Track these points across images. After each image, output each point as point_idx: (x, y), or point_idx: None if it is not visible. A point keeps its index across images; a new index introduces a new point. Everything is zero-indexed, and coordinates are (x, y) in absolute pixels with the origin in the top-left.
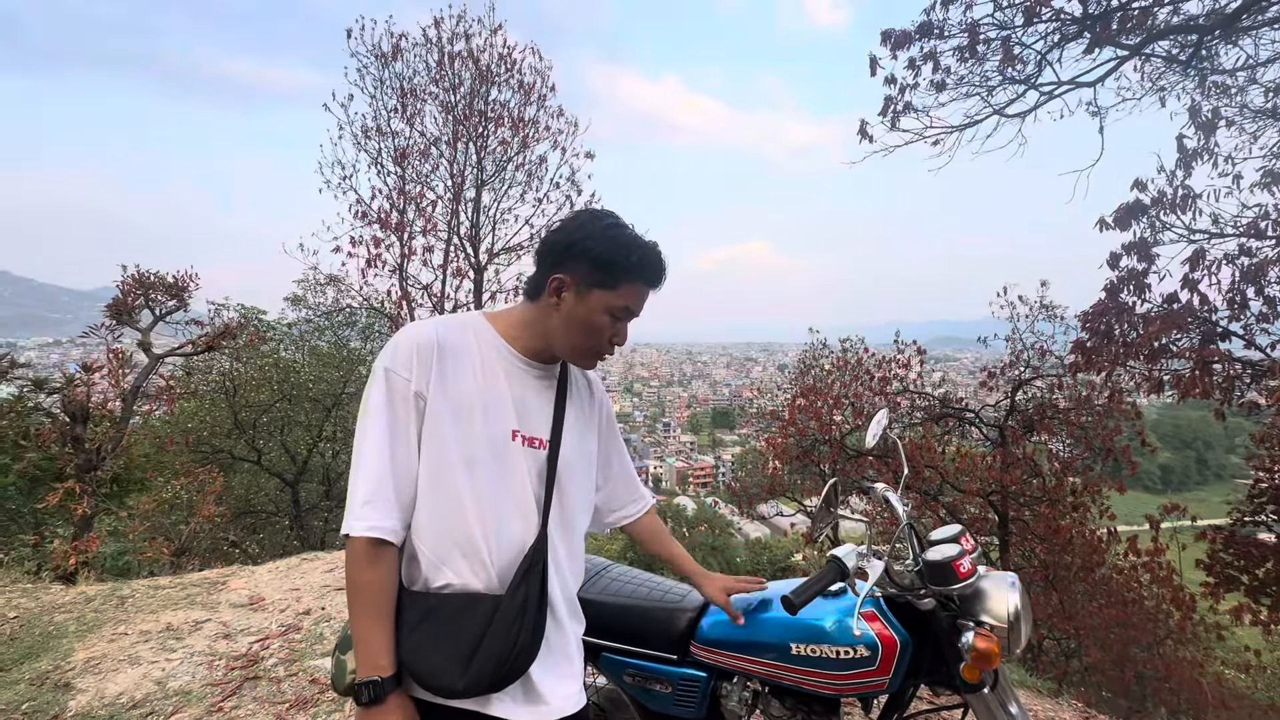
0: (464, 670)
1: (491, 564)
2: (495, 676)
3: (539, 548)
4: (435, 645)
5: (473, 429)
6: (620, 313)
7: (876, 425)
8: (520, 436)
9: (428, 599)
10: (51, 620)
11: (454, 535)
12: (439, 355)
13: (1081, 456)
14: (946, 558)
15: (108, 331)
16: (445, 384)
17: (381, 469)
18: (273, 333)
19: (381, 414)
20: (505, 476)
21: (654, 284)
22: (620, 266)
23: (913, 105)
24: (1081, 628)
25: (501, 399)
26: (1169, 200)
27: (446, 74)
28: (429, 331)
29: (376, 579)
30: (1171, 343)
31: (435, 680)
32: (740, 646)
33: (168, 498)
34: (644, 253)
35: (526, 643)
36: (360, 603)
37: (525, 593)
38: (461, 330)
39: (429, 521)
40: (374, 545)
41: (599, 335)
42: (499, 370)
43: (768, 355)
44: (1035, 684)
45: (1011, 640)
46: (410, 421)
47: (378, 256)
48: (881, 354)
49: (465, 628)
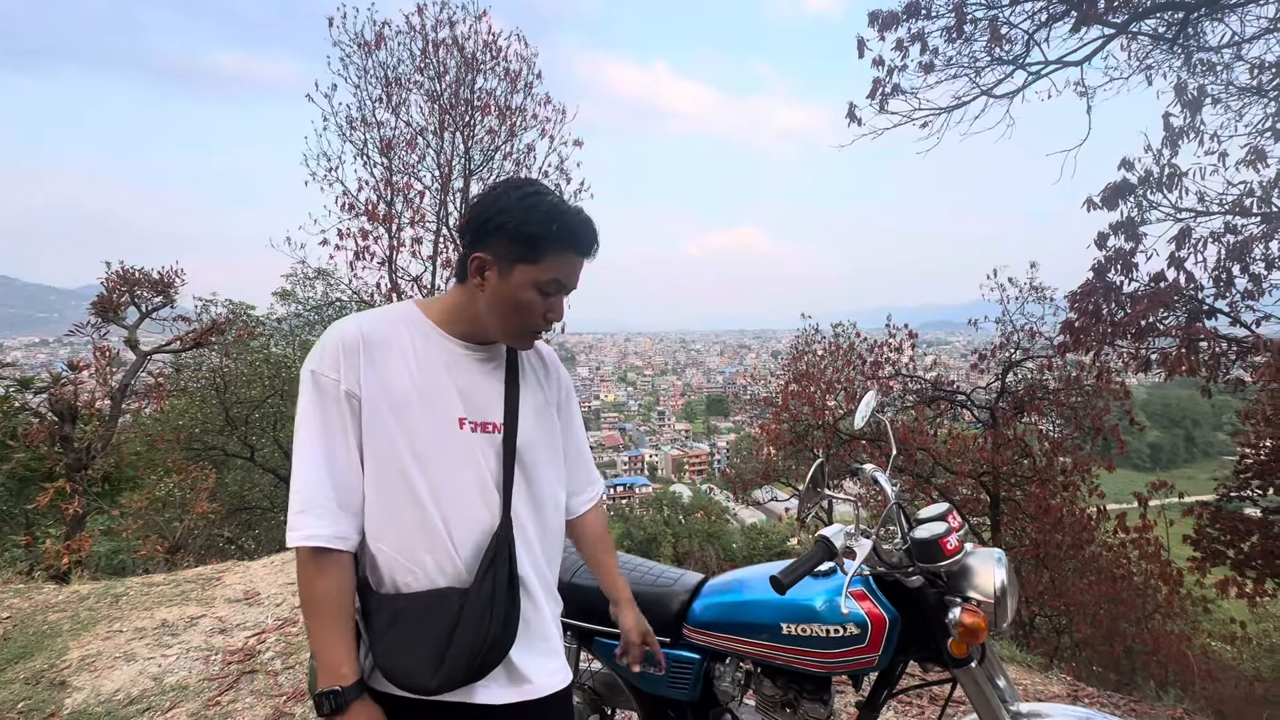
0: (436, 669)
1: (457, 555)
2: (469, 670)
3: (503, 534)
4: (406, 647)
5: (416, 422)
6: (549, 287)
7: (865, 407)
8: (469, 424)
9: (396, 601)
10: (45, 619)
11: (414, 532)
12: (365, 351)
13: (1071, 436)
14: (934, 535)
15: (94, 329)
16: (377, 379)
17: (317, 475)
18: (262, 328)
19: (313, 419)
20: (459, 466)
21: (584, 252)
22: (542, 238)
23: (900, 87)
24: (1072, 604)
25: (443, 388)
26: (1156, 179)
27: (431, 62)
28: (352, 328)
29: (326, 588)
30: (1158, 321)
31: (409, 680)
32: (732, 628)
33: (160, 495)
34: (566, 219)
35: (498, 634)
36: (313, 613)
37: (493, 582)
38: (390, 323)
39: (385, 521)
40: (318, 554)
41: (529, 313)
42: (437, 359)
43: (761, 342)
44: (1026, 659)
45: (998, 615)
46: (345, 422)
47: (366, 249)
48: (874, 338)
49: (434, 626)
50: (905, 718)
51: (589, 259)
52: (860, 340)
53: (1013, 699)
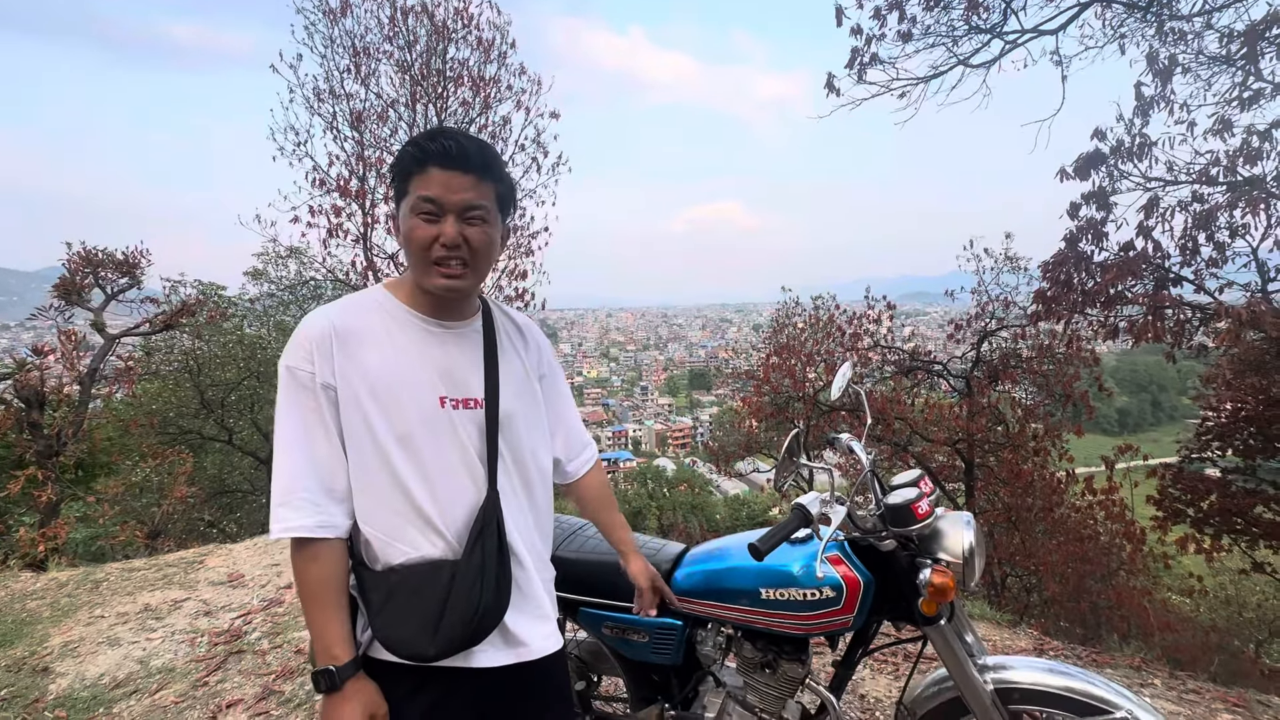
0: (433, 636)
1: (446, 530)
2: (464, 636)
3: (489, 507)
4: (403, 617)
5: (396, 405)
6: (423, 207)
7: (841, 378)
8: (449, 401)
9: (389, 576)
10: (24, 607)
11: (401, 511)
12: (338, 341)
13: (1043, 403)
14: (906, 500)
15: (57, 313)
16: (353, 367)
17: (296, 468)
18: (234, 309)
19: (291, 412)
20: (444, 444)
21: (447, 163)
22: (404, 165)
23: (879, 57)
24: (1041, 564)
25: (420, 368)
26: (1127, 149)
27: (400, 30)
28: (322, 321)
29: (316, 575)
30: (1126, 289)
31: (408, 649)
32: (713, 594)
33: (137, 481)
34: (424, 137)
35: (490, 601)
36: (306, 598)
37: (482, 553)
38: (361, 310)
39: (373, 504)
40: (306, 544)
41: (418, 244)
42: (410, 339)
43: (742, 316)
44: (995, 617)
45: (966, 574)
46: (323, 413)
47: (339, 226)
48: (853, 310)
49: (428, 595)
50: (880, 675)
51: (468, 172)
52: (840, 312)
53: (980, 653)
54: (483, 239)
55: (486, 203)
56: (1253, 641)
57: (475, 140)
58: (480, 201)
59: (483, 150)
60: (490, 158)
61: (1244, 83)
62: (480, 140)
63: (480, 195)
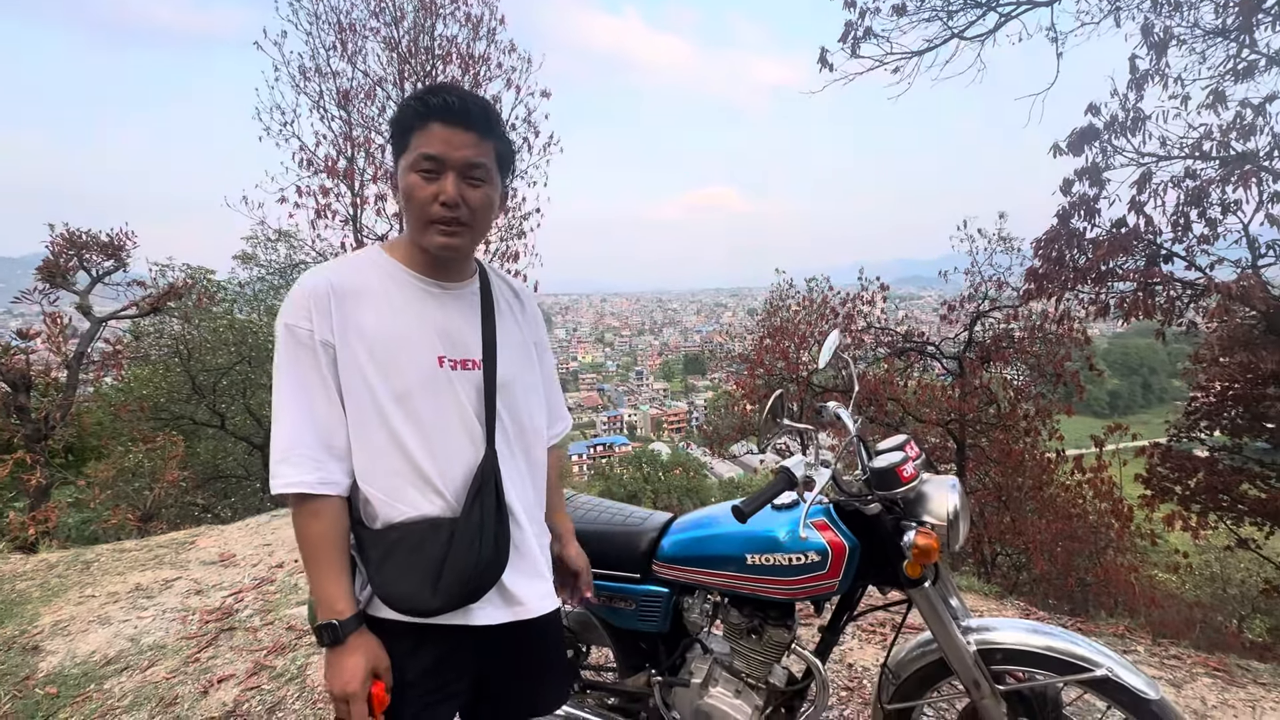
0: (434, 589)
1: (445, 489)
2: (465, 590)
3: (488, 466)
4: (403, 572)
5: (395, 364)
6: (423, 164)
7: (830, 345)
8: (448, 361)
9: (388, 534)
10: (14, 588)
11: (400, 471)
12: (336, 299)
13: (1034, 384)
14: (891, 464)
15: (43, 296)
16: (351, 326)
17: (296, 425)
18: (224, 293)
19: (290, 370)
20: (442, 403)
21: (450, 119)
22: (403, 120)
23: (873, 31)
24: (1031, 542)
25: (418, 328)
26: (1120, 124)
27: (387, 6)
28: (321, 279)
29: (319, 530)
30: (1118, 266)
31: (409, 604)
32: (700, 561)
33: (129, 465)
34: (421, 94)
35: (490, 555)
36: (308, 555)
37: (480, 511)
38: (358, 269)
39: (372, 463)
40: (306, 500)
41: (417, 201)
42: (409, 299)
43: (737, 300)
44: (984, 589)
45: (951, 537)
46: (322, 370)
47: (327, 206)
48: (847, 292)
49: (429, 550)
50: (867, 644)
51: (470, 129)
52: (834, 294)
53: (964, 616)
54: (482, 199)
55: (487, 161)
56: (1236, 617)
57: (477, 97)
58: (481, 159)
59: (485, 108)
60: (492, 116)
61: (1238, 54)
62: (482, 98)
63: (481, 153)
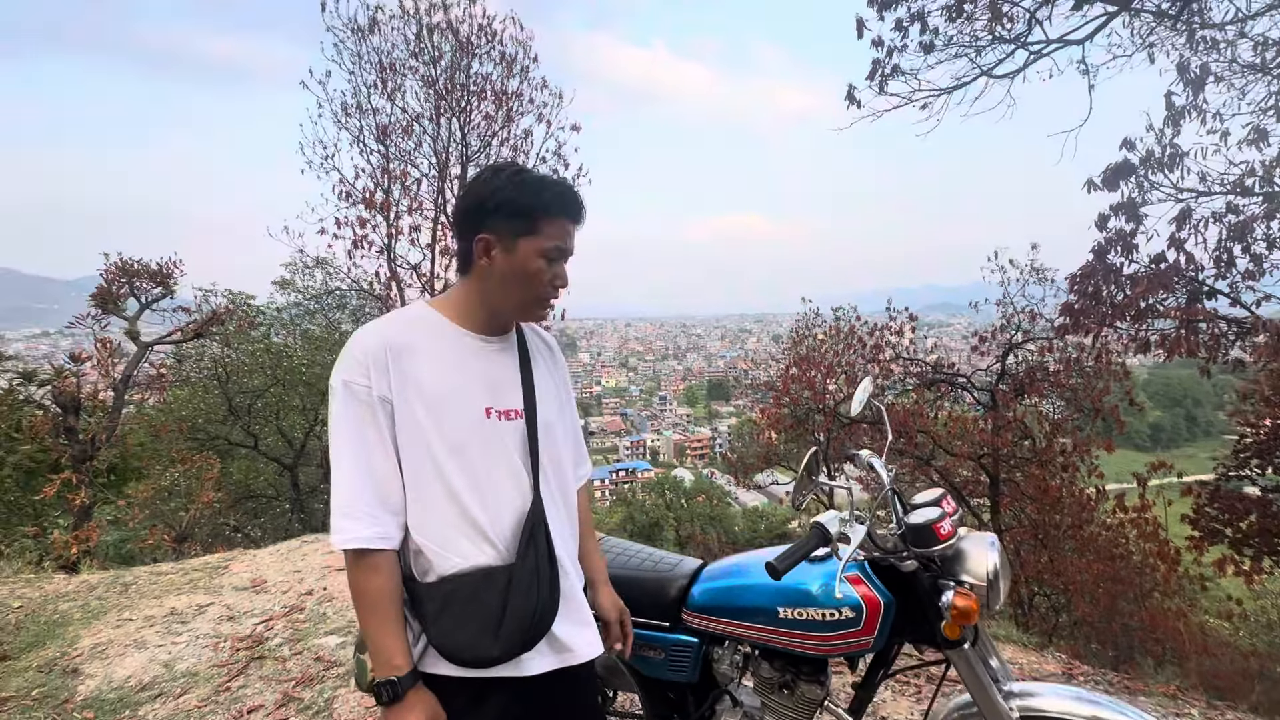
0: (495, 636)
1: (496, 538)
2: (526, 636)
3: (536, 511)
4: (461, 623)
5: (449, 417)
6: (552, 253)
7: (862, 393)
8: (495, 412)
9: (442, 586)
10: (56, 609)
11: (454, 522)
12: (393, 356)
13: (1071, 417)
14: (927, 520)
15: (94, 321)
16: (408, 382)
17: (357, 480)
18: (262, 317)
19: (348, 426)
20: (492, 453)
21: (575, 217)
22: (538, 209)
23: (900, 68)
24: (1070, 583)
25: (468, 381)
26: (1157, 159)
27: (426, 47)
28: (377, 337)
29: (376, 585)
30: (1158, 303)
31: (470, 653)
32: (730, 612)
33: (166, 485)
34: (557, 189)
35: (547, 598)
36: (364, 609)
37: (535, 555)
38: (409, 325)
39: (426, 515)
40: (364, 555)
41: (538, 282)
42: (458, 353)
43: (762, 326)
44: (1022, 639)
45: (990, 597)
46: (380, 426)
47: (364, 237)
48: (874, 321)
49: (486, 599)
50: (901, 697)
51: (579, 224)
52: (861, 324)
53: (1005, 678)
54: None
55: None
56: None
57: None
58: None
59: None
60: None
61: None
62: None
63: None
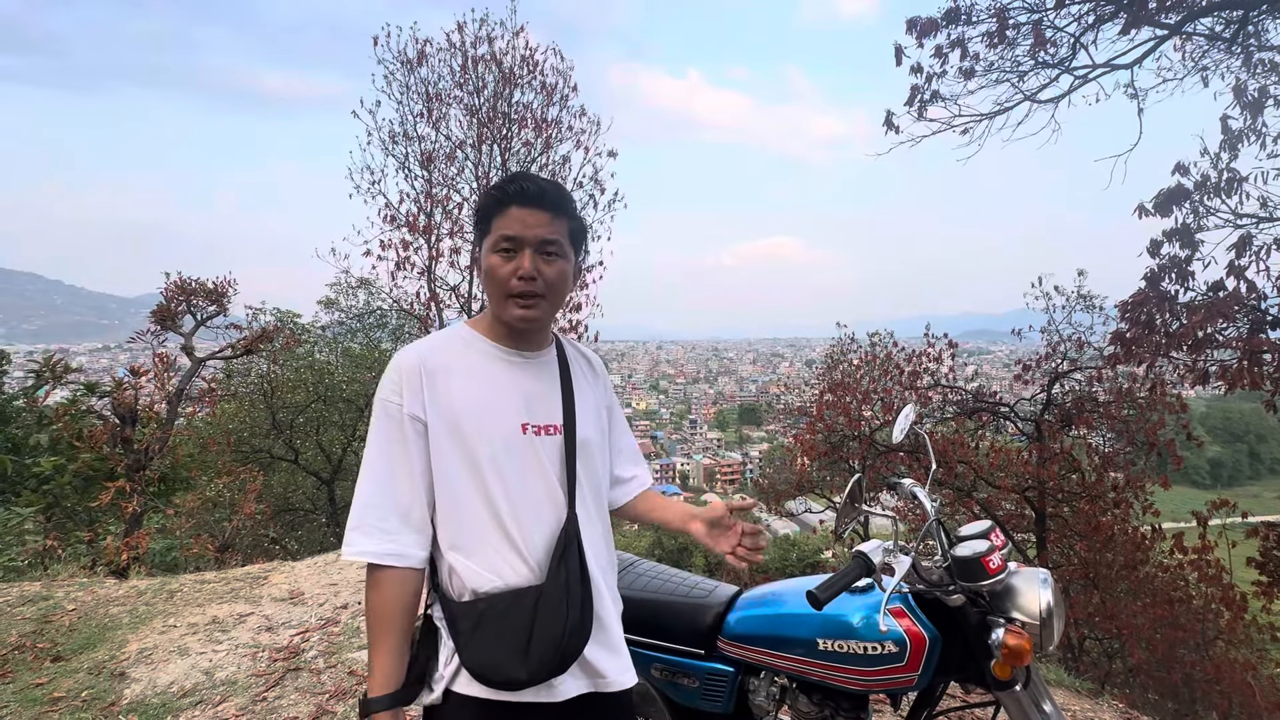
0: (524, 658)
1: (529, 555)
2: (556, 659)
3: (570, 529)
4: (492, 643)
5: (482, 432)
6: (502, 244)
7: (904, 420)
8: (531, 428)
9: (475, 605)
10: (106, 613)
11: (488, 538)
12: (427, 375)
13: (1123, 451)
14: (976, 554)
15: (153, 337)
16: (441, 401)
17: (372, 496)
18: (307, 335)
19: (377, 442)
20: (526, 469)
21: (526, 201)
22: (489, 207)
23: (940, 94)
24: (1124, 627)
25: (503, 397)
26: (1213, 184)
27: (470, 77)
28: (412, 356)
29: (377, 600)
30: (1217, 332)
31: (501, 674)
32: (767, 641)
33: (211, 496)
34: (505, 182)
35: (576, 620)
36: (368, 623)
37: (566, 574)
38: (447, 344)
39: (459, 531)
40: (375, 569)
41: (498, 278)
42: (494, 370)
43: (795, 351)
44: (1075, 684)
45: (1044, 637)
46: (409, 444)
47: (406, 259)
48: (911, 347)
49: (516, 620)
50: None
51: (543, 210)
52: (898, 350)
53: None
54: (557, 273)
55: (560, 238)
56: None
57: (550, 181)
58: (554, 236)
59: (556, 190)
60: (563, 197)
61: None
62: (554, 181)
63: (554, 231)
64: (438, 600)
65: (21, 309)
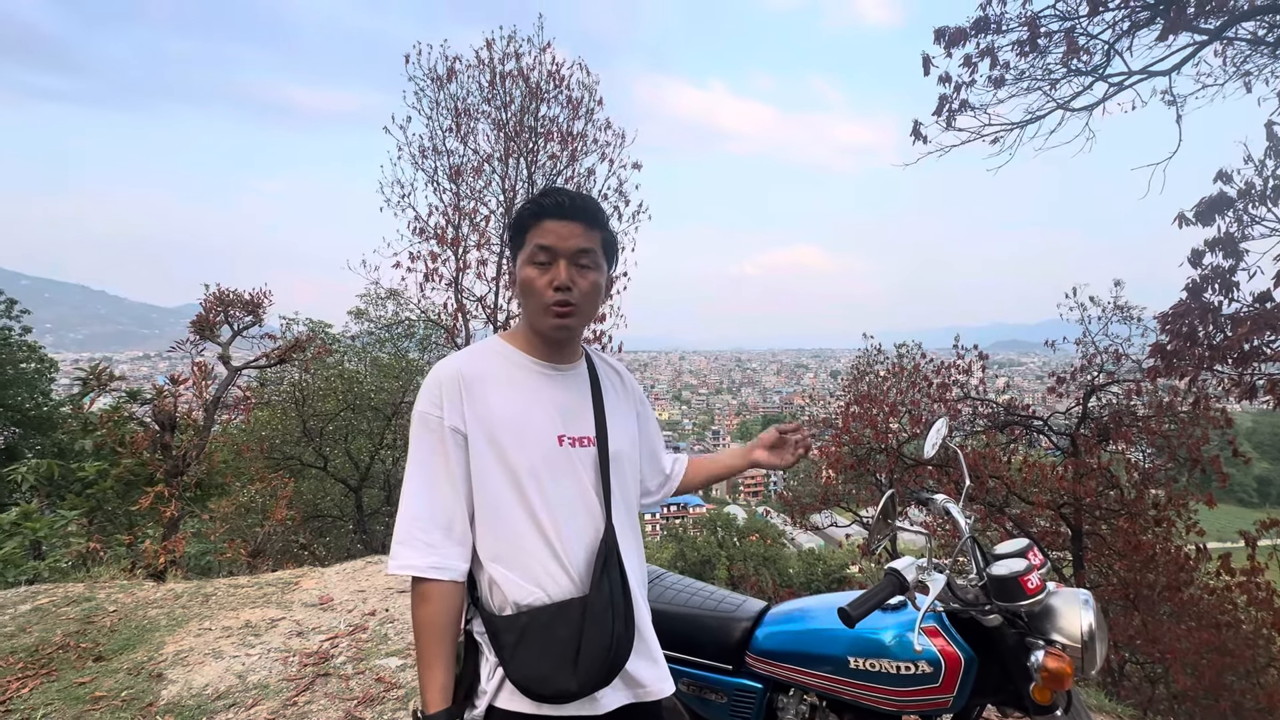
0: (573, 670)
1: (570, 567)
2: (604, 669)
3: (609, 540)
4: (538, 656)
5: (521, 445)
6: (537, 256)
7: (936, 434)
8: (567, 440)
9: (518, 619)
10: (145, 615)
11: (529, 550)
12: (466, 387)
13: (1164, 467)
14: (1013, 573)
15: (192, 346)
16: (480, 412)
17: (416, 509)
18: (338, 345)
19: (418, 455)
20: (564, 481)
21: (558, 214)
22: (523, 220)
23: (969, 103)
24: (1168, 651)
25: (540, 409)
26: (1258, 192)
27: (498, 93)
28: (451, 368)
29: (425, 614)
30: (1265, 345)
31: (550, 686)
32: (797, 658)
33: (244, 501)
34: (540, 197)
35: (622, 630)
36: (416, 637)
37: (609, 584)
38: (484, 356)
39: (499, 544)
40: (417, 583)
41: (533, 289)
42: (529, 382)
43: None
44: (1117, 709)
45: (1086, 661)
46: (450, 457)
47: (434, 271)
48: (940, 359)
49: (561, 632)
50: None
51: (578, 221)
52: (926, 361)
53: None
54: (591, 284)
55: (594, 248)
56: None
57: (583, 195)
58: (588, 246)
59: (590, 202)
60: (596, 209)
61: None
62: (587, 195)
63: (589, 241)
64: (477, 615)
65: (70, 319)
